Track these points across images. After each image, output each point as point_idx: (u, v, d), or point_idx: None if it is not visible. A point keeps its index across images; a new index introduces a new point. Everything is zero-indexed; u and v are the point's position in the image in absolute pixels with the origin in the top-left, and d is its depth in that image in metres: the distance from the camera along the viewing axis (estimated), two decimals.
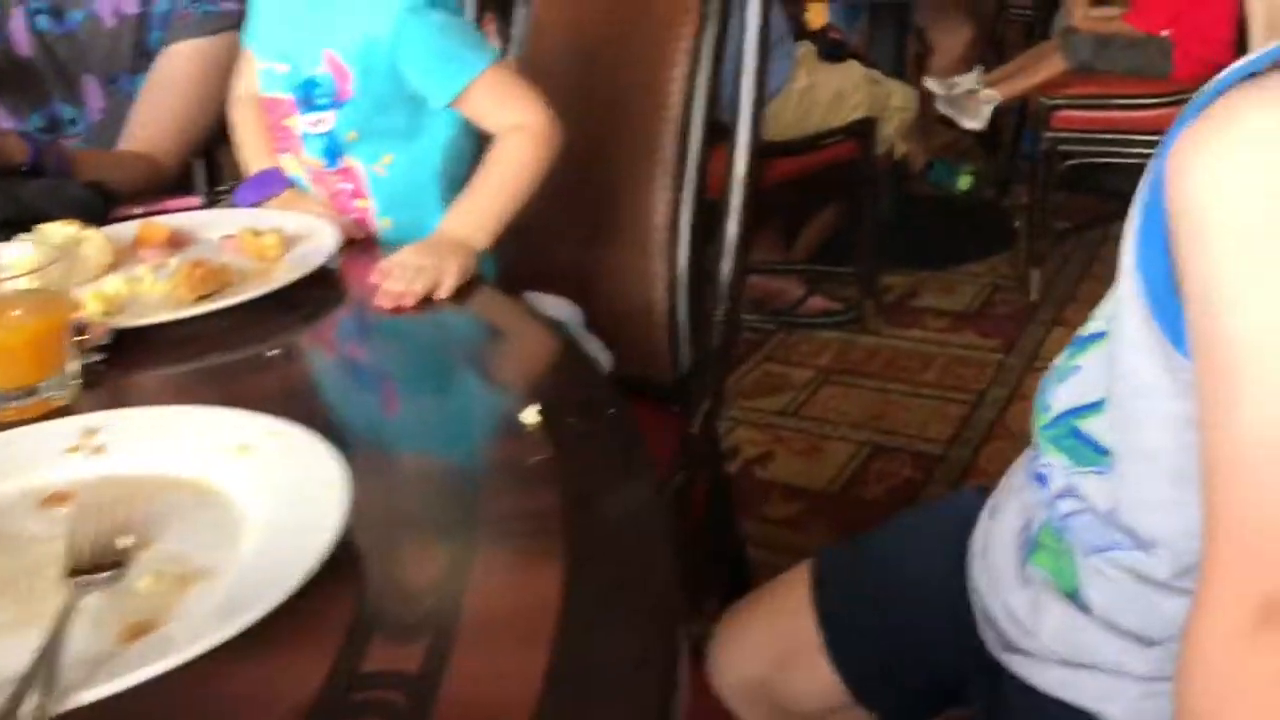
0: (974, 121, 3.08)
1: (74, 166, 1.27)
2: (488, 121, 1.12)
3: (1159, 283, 0.66)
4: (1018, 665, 0.80)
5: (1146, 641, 0.75)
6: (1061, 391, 0.80)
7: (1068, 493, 0.78)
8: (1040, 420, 0.82)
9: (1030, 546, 0.82)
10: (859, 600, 0.97)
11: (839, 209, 2.87)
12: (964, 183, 3.53)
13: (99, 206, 1.17)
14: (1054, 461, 0.79)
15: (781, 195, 2.56)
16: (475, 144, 1.18)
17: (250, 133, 1.25)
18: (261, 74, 1.18)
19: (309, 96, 1.13)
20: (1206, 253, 0.59)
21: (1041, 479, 0.80)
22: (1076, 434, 0.78)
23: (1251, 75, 0.60)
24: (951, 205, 3.54)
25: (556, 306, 1.26)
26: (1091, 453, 0.76)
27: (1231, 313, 0.58)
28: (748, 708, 1.03)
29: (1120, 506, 0.74)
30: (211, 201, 1.23)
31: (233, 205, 1.22)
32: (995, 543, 0.85)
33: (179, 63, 1.52)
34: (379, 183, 1.15)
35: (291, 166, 1.19)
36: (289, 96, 1.14)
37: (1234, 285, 0.58)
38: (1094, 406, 0.76)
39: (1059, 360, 0.83)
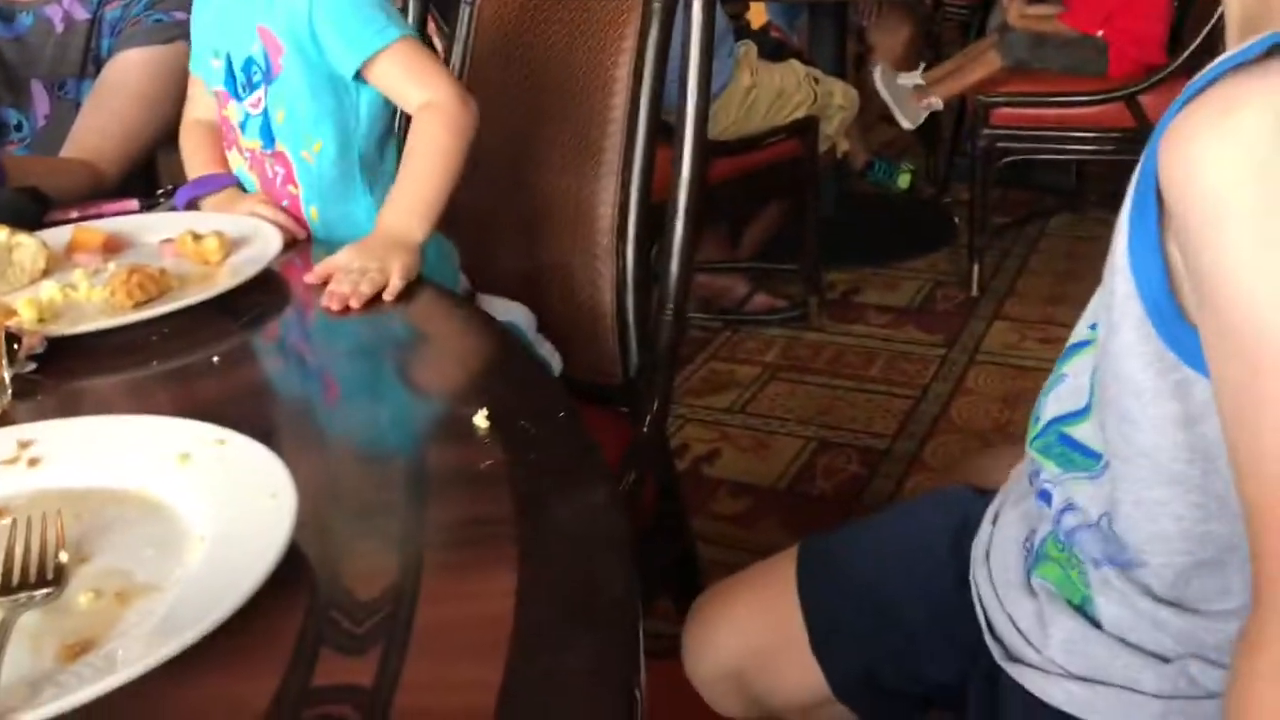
0: (909, 120, 3.12)
1: (7, 174, 1.23)
2: (398, 93, 1.12)
3: (1153, 282, 0.65)
4: (1023, 677, 0.78)
5: (1160, 658, 0.73)
6: (1050, 401, 0.80)
7: (1068, 506, 0.77)
8: (1031, 432, 0.81)
9: (1035, 558, 0.81)
10: (845, 600, 0.95)
11: (782, 207, 2.88)
12: (904, 181, 3.56)
13: (33, 211, 1.14)
14: (1047, 473, 0.79)
15: (725, 194, 2.57)
16: (399, 136, 1.18)
17: (198, 156, 1.25)
18: (205, 73, 1.19)
19: (249, 77, 1.12)
20: (1225, 242, 0.58)
21: (1045, 496, 0.79)
22: (1065, 440, 0.77)
23: (1243, 64, 0.59)
24: (893, 202, 3.57)
25: (508, 310, 1.26)
26: (1081, 457, 0.76)
27: (1256, 302, 0.57)
28: (721, 697, 1.02)
29: (1114, 511, 0.73)
30: (150, 205, 1.20)
31: (173, 207, 1.20)
32: (998, 551, 0.84)
33: (128, 70, 1.49)
34: (306, 170, 1.14)
35: (235, 161, 1.19)
36: (224, 88, 1.15)
37: (1259, 272, 0.57)
38: (1081, 413, 0.76)
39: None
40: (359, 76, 1.11)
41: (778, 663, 0.98)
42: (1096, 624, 0.76)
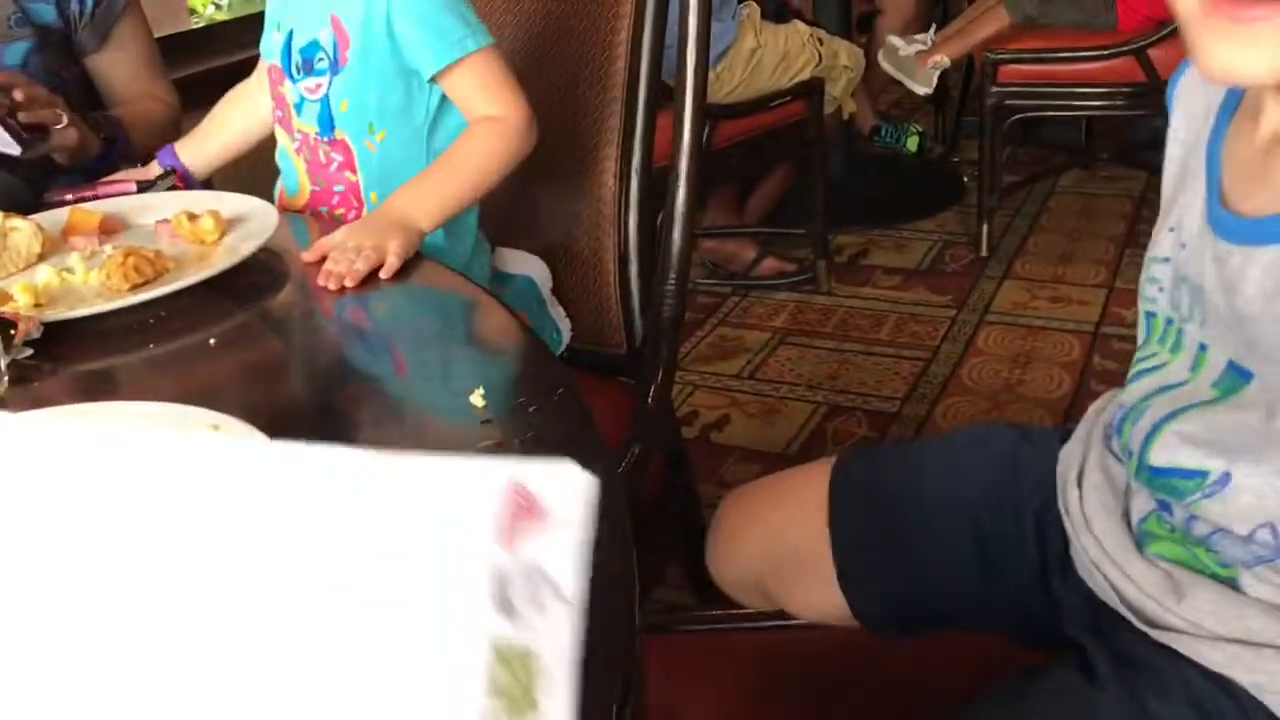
0: (922, 86, 3.08)
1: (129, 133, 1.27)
2: (466, 104, 1.11)
3: None
4: (1169, 640, 0.74)
5: None
6: (1135, 433, 0.76)
7: (1193, 517, 0.73)
8: (1129, 466, 0.78)
9: (1142, 537, 0.77)
10: (876, 530, 0.94)
11: (789, 170, 2.86)
12: (912, 144, 3.53)
13: (27, 194, 1.14)
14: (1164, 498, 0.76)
15: (732, 158, 2.55)
16: None
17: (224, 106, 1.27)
18: (265, 44, 1.19)
19: (308, 60, 1.12)
20: None
21: (1165, 506, 0.76)
22: (1160, 472, 0.74)
23: None
24: (901, 163, 3.54)
25: (528, 263, 1.25)
26: (1181, 480, 0.72)
27: None
28: (744, 596, 1.04)
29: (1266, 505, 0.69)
30: (146, 186, 1.19)
31: (171, 186, 1.20)
32: (1097, 519, 0.81)
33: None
34: (368, 158, 1.13)
35: (282, 140, 1.19)
36: (279, 64, 1.15)
37: None
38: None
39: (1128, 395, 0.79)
40: (432, 80, 1.10)
41: (800, 580, 0.98)
42: (1242, 593, 0.71)
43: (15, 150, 1.18)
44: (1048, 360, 2.39)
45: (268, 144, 1.25)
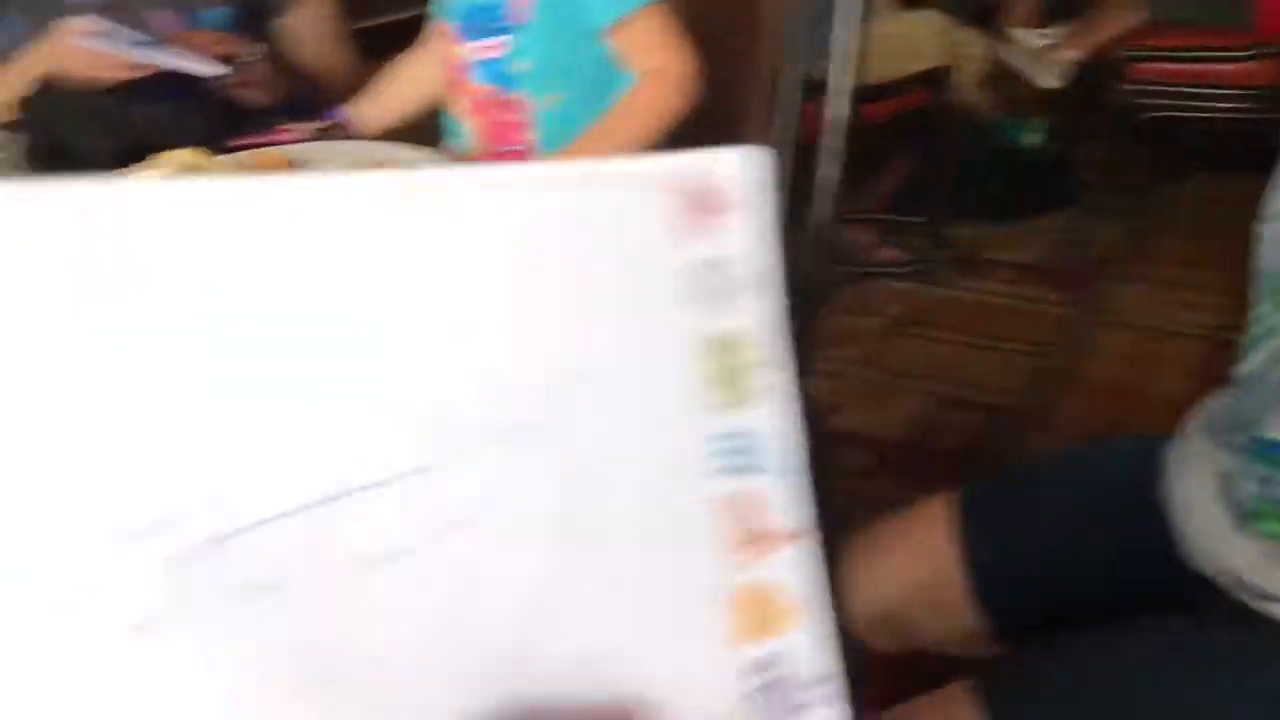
0: (1050, 79, 3.02)
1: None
2: (634, 58, 1.12)
3: None
4: (1263, 607, 0.76)
5: None
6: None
7: None
8: (1241, 441, 0.79)
9: (1249, 515, 0.78)
10: (1014, 550, 0.95)
11: (910, 159, 2.84)
12: (1032, 139, 3.47)
13: (218, 133, 1.18)
14: None
15: (852, 143, 2.54)
16: None
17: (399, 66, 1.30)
18: (440, 3, 1.21)
19: (485, 20, 1.13)
20: None
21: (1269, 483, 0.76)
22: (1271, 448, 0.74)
23: None
24: (1021, 158, 3.48)
25: None
26: None
27: None
28: (870, 635, 1.04)
29: None
30: (327, 132, 1.23)
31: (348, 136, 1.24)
32: (1195, 500, 0.83)
33: None
34: (546, 118, 1.15)
35: (456, 103, 1.20)
36: (455, 25, 1.16)
37: None
38: None
39: None
40: (603, 34, 1.11)
41: (934, 608, 0.98)
42: None
43: (209, 70, 1.24)
44: (1167, 364, 2.35)
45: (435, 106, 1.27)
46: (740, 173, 0.34)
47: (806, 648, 0.32)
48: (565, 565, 0.32)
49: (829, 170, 1.35)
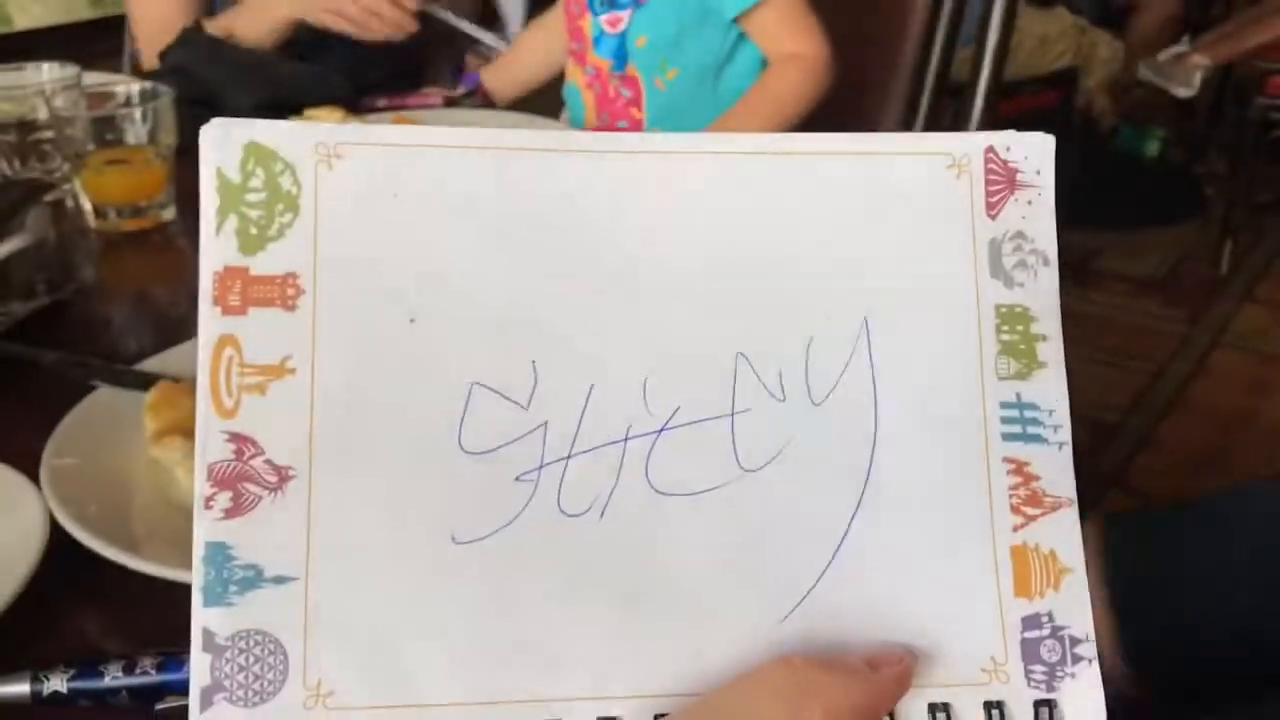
0: (1184, 89, 2.92)
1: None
2: (768, 43, 1.10)
3: None
4: None
5: None
6: None
7: None
8: None
9: None
10: (1166, 581, 0.92)
11: None
12: (1152, 149, 3.37)
13: (348, 89, 1.18)
14: None
15: None
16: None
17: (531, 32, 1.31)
18: None
19: None
20: None
21: None
22: None
23: None
24: (1141, 167, 3.39)
25: None
26: None
27: None
28: None
29: None
30: (451, 103, 1.23)
31: (478, 104, 1.23)
32: None
33: None
34: (656, 95, 1.15)
35: (573, 74, 1.21)
36: None
37: None
38: None
39: None
40: (734, 18, 1.10)
41: None
42: None
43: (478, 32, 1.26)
44: None
45: (560, 77, 1.27)
46: (1040, 156, 0.38)
47: (1074, 607, 0.35)
48: (863, 514, 0.35)
49: None
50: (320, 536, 0.32)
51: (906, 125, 1.34)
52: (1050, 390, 0.36)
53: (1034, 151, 0.38)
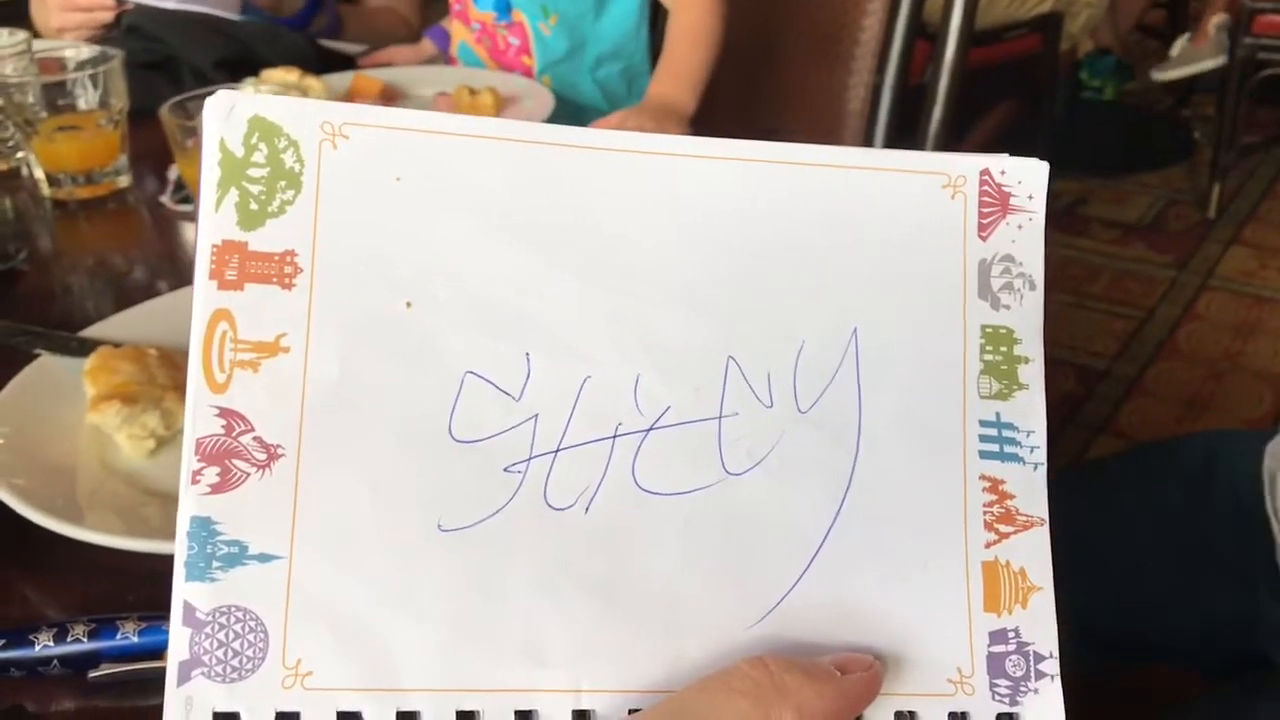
0: (1214, 59, 2.86)
1: (342, 26, 1.29)
2: None
3: None
4: None
5: None
6: None
7: None
8: None
9: None
10: (1067, 556, 0.90)
11: (1013, 106, 2.74)
12: (1109, 93, 3.32)
13: (313, 55, 1.17)
14: None
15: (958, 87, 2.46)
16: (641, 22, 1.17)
17: None
18: None
19: None
20: None
21: None
22: None
23: None
24: (1127, 111, 3.36)
25: None
26: None
27: None
28: None
29: None
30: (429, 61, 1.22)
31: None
32: None
33: None
34: (542, 41, 1.15)
35: (461, 33, 1.20)
36: None
37: None
38: None
39: None
40: None
41: None
42: None
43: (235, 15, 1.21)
44: (1272, 333, 2.26)
45: None
46: (1032, 179, 0.38)
47: (1040, 625, 0.36)
48: (841, 523, 0.36)
49: (938, 113, 1.30)
50: (306, 516, 0.32)
51: (879, 69, 1.32)
52: (1029, 412, 0.37)
53: (1028, 176, 0.38)
